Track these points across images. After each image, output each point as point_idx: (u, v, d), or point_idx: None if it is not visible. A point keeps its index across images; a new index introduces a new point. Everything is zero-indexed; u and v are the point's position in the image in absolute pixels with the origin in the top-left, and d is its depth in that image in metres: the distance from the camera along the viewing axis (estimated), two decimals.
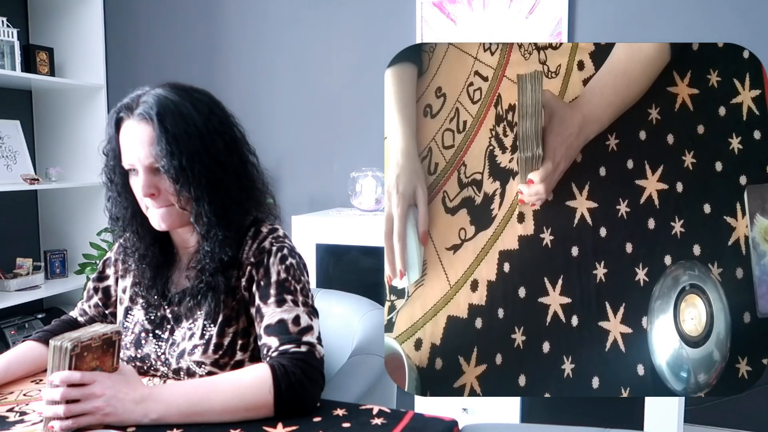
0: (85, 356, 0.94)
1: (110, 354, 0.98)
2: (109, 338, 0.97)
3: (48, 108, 3.14)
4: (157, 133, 1.05)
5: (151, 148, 1.05)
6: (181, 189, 1.06)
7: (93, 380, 0.94)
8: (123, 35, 3.11)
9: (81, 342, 0.93)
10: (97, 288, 1.26)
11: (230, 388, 0.99)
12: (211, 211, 1.08)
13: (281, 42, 2.85)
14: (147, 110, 1.06)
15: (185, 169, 1.05)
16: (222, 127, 1.12)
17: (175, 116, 1.06)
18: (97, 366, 0.96)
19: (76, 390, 0.93)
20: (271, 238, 1.13)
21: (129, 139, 1.08)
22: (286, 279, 1.10)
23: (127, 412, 0.95)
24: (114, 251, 1.27)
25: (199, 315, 1.13)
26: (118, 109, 1.10)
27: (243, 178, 1.13)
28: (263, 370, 0.99)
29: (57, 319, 1.29)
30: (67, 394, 0.92)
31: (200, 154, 1.07)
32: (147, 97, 1.08)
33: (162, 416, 0.96)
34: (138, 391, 0.97)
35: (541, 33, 2.42)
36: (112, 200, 1.16)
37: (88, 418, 0.93)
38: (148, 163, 1.07)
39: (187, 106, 1.08)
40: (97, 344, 0.95)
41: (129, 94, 1.11)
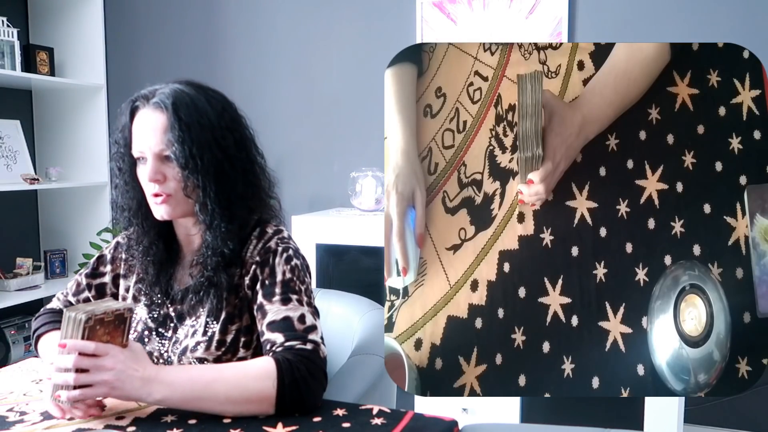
0: (98, 330, 0.95)
1: (121, 330, 0.99)
2: (121, 314, 0.98)
3: (48, 108, 3.14)
4: (171, 121, 1.07)
5: (163, 135, 1.08)
6: (189, 176, 1.08)
7: (106, 353, 0.96)
8: (123, 35, 3.11)
9: (95, 315, 0.94)
10: (90, 284, 1.25)
11: (235, 377, 0.99)
12: (216, 201, 1.09)
13: (281, 42, 2.85)
14: (163, 99, 1.09)
15: (194, 157, 1.07)
16: (233, 125, 1.14)
17: (189, 107, 1.09)
18: (108, 341, 0.97)
19: (88, 360, 0.94)
20: (277, 239, 1.14)
21: (142, 126, 1.10)
22: (291, 279, 1.10)
23: (134, 390, 0.96)
24: (110, 249, 1.27)
25: (202, 312, 1.14)
26: (134, 99, 1.13)
27: (249, 176, 1.15)
28: (268, 363, 1.00)
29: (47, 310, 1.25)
30: (79, 362, 0.94)
31: (210, 145, 1.09)
32: (164, 89, 1.11)
33: (165, 398, 0.97)
34: (147, 369, 0.98)
35: (541, 33, 2.42)
36: (120, 189, 1.17)
37: (95, 389, 0.95)
38: (158, 150, 1.08)
39: (201, 99, 1.11)
40: (110, 319, 0.96)
41: (146, 87, 1.13)
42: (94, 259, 1.28)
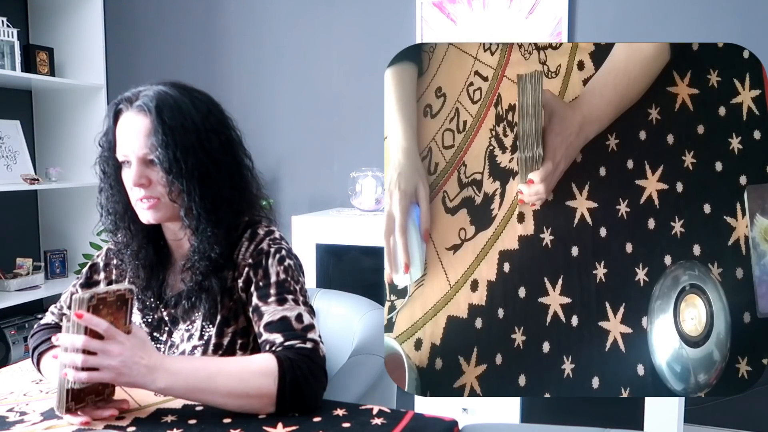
0: (101, 310, 0.95)
1: (123, 312, 0.99)
2: (123, 295, 0.98)
3: (48, 108, 3.14)
4: (154, 124, 1.06)
5: (146, 139, 1.07)
6: (174, 181, 1.07)
7: (114, 337, 0.95)
8: (123, 35, 3.11)
9: (98, 294, 0.94)
10: None
11: (237, 372, 0.99)
12: (202, 206, 1.08)
13: (281, 42, 2.85)
14: (146, 102, 1.08)
15: (178, 161, 1.06)
16: (219, 127, 1.13)
17: (173, 110, 1.08)
18: (111, 322, 0.97)
19: (97, 342, 0.94)
20: (269, 240, 1.13)
21: (126, 129, 1.09)
22: (285, 279, 1.10)
23: (139, 376, 0.96)
24: (101, 257, 1.26)
25: (197, 317, 1.13)
26: (117, 101, 1.12)
27: (236, 179, 1.14)
28: (270, 360, 1.00)
29: (42, 326, 1.24)
30: (88, 343, 0.93)
31: (195, 148, 1.08)
32: (147, 92, 1.10)
33: (168, 387, 0.97)
34: (152, 357, 0.98)
35: (541, 33, 2.42)
36: (105, 192, 1.16)
37: (101, 374, 0.94)
38: (142, 154, 1.07)
39: (186, 102, 1.10)
40: (112, 299, 0.96)
41: (130, 89, 1.12)
42: (86, 268, 1.27)
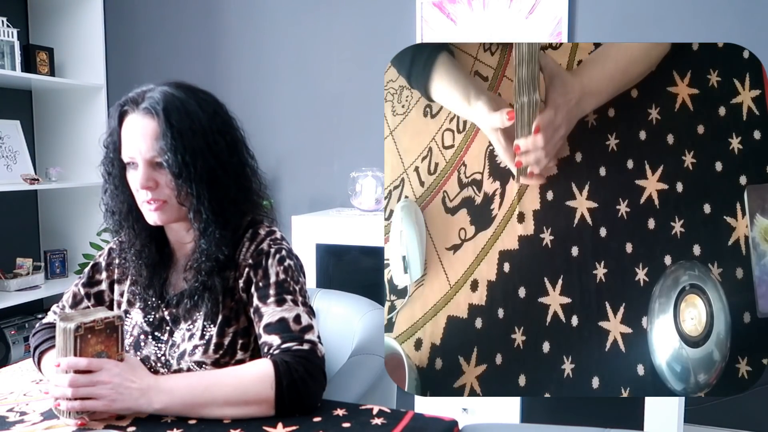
0: (90, 339, 0.96)
1: (114, 339, 0.99)
2: (111, 322, 0.98)
3: (48, 108, 3.14)
4: (163, 128, 1.06)
5: (154, 142, 1.06)
6: (182, 184, 1.07)
7: (99, 367, 0.97)
8: (123, 35, 3.11)
9: (84, 324, 0.95)
10: (89, 293, 1.24)
11: (233, 381, 1.00)
12: (210, 209, 1.09)
13: (281, 42, 2.85)
14: (153, 105, 1.07)
15: (188, 165, 1.06)
16: (225, 128, 1.13)
17: (180, 113, 1.07)
18: (103, 350, 0.98)
19: (84, 377, 0.96)
20: (269, 240, 1.13)
21: (132, 132, 1.09)
22: (285, 280, 1.10)
23: (133, 400, 0.97)
24: (104, 256, 1.26)
25: (198, 316, 1.13)
26: (122, 103, 1.11)
27: (242, 179, 1.14)
28: (266, 366, 1.00)
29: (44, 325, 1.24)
30: (75, 380, 0.95)
31: (203, 151, 1.08)
32: (153, 93, 1.09)
33: (166, 406, 0.98)
34: (144, 380, 0.99)
35: (541, 33, 2.42)
36: (110, 192, 1.16)
37: (94, 403, 0.96)
38: (150, 157, 1.07)
39: (192, 104, 1.09)
40: (100, 327, 0.97)
41: (134, 90, 1.12)
42: (88, 268, 1.26)
